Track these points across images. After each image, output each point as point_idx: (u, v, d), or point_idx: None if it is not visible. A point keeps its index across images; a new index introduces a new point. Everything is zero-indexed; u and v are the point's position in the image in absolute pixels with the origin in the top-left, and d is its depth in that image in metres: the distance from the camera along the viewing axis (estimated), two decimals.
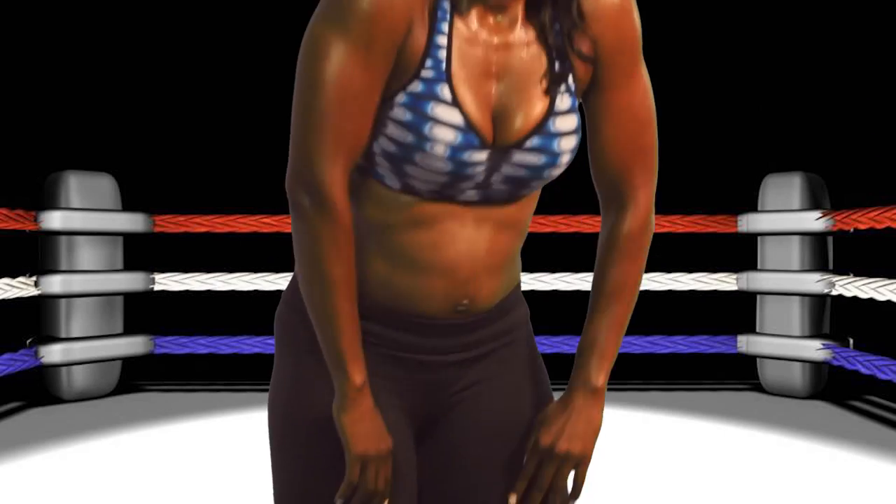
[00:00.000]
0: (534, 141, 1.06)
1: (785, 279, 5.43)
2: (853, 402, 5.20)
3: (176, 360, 5.90)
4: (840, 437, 4.30)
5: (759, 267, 5.63)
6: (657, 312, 5.87)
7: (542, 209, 1.22)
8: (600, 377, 1.14)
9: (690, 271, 5.66)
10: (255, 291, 5.72)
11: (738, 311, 5.85)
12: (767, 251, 5.58)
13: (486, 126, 1.05)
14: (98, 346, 5.30)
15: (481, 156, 1.05)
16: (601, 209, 1.20)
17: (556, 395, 1.21)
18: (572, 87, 1.09)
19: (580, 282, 5.54)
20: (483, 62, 1.05)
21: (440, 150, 1.02)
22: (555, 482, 1.14)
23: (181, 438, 4.28)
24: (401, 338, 1.13)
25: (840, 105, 5.88)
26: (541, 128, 1.06)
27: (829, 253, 5.49)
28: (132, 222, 5.48)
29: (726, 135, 6.11)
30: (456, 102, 1.02)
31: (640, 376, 5.71)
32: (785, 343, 5.41)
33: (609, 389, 1.24)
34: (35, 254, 5.34)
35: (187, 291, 5.68)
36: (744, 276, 5.65)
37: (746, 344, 5.64)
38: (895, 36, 5.62)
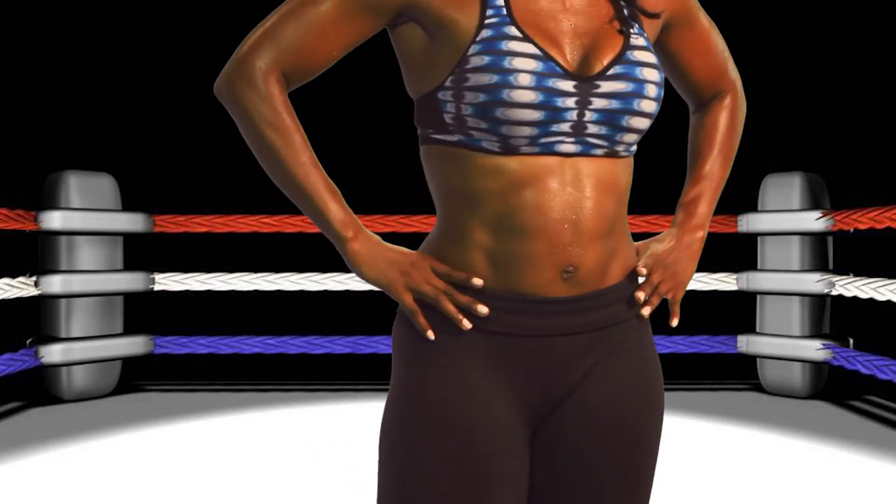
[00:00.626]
0: (616, 69, 1.10)
1: (785, 279, 5.43)
2: (853, 402, 5.20)
3: (176, 360, 5.90)
4: (840, 437, 4.30)
5: (759, 267, 5.63)
6: (657, 312, 5.86)
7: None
8: (703, 224, 1.27)
9: None
10: (255, 291, 5.72)
11: (738, 311, 5.85)
12: (767, 251, 5.58)
13: (563, 57, 1.09)
14: (98, 346, 5.30)
15: (568, 85, 1.07)
16: (692, 114, 1.36)
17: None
18: (644, 33, 1.15)
19: None
20: (547, 7, 1.11)
21: (526, 79, 1.04)
22: (660, 286, 1.24)
23: (181, 438, 4.28)
24: (512, 320, 1.11)
25: (840, 105, 5.88)
26: (620, 57, 1.11)
27: (829, 253, 5.49)
28: (132, 222, 5.48)
29: None
30: (527, 37, 1.07)
31: None
32: (785, 343, 5.41)
33: None
34: (35, 254, 5.34)
35: (187, 291, 5.68)
36: (744, 276, 5.65)
37: (746, 344, 5.64)
38: (895, 36, 5.62)
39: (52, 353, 5.13)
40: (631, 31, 1.13)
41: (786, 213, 5.42)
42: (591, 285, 1.13)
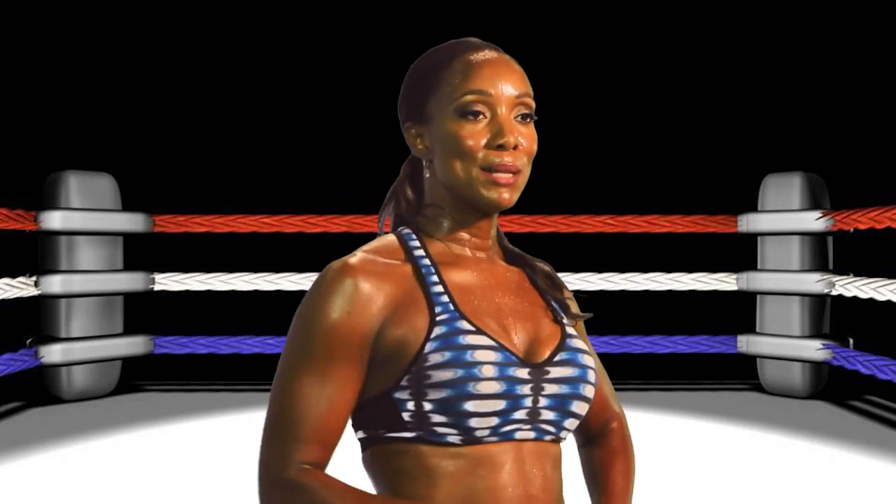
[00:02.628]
0: (562, 356, 1.14)
1: (785, 279, 5.43)
2: (853, 402, 5.20)
3: (176, 360, 5.89)
4: (840, 437, 4.30)
5: (759, 267, 5.63)
6: (657, 312, 5.87)
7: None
8: None
9: (690, 271, 5.66)
10: (255, 291, 5.72)
11: (738, 311, 5.85)
12: (767, 251, 5.58)
13: (513, 345, 1.12)
14: (98, 346, 5.30)
15: (523, 372, 1.09)
16: (581, 448, 1.32)
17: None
18: (571, 325, 1.20)
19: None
20: (485, 299, 1.14)
21: (490, 370, 1.06)
22: None
23: (181, 438, 4.28)
24: None
25: (840, 105, 5.88)
26: (563, 345, 1.15)
27: (829, 253, 5.49)
28: (132, 222, 5.48)
29: (726, 135, 6.11)
30: (480, 330, 1.09)
31: (640, 376, 5.70)
32: (785, 343, 5.41)
33: None
34: (35, 254, 5.34)
35: (187, 291, 5.68)
36: (744, 276, 5.65)
37: (746, 344, 5.63)
38: (895, 36, 5.62)
39: (52, 353, 5.13)
40: (562, 321, 1.18)
41: (786, 213, 5.42)
42: None
